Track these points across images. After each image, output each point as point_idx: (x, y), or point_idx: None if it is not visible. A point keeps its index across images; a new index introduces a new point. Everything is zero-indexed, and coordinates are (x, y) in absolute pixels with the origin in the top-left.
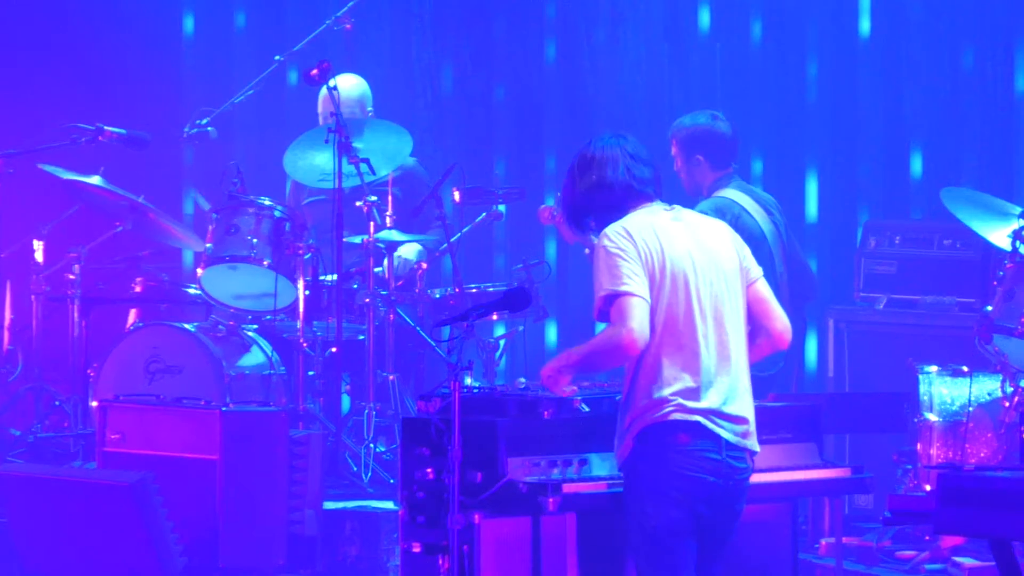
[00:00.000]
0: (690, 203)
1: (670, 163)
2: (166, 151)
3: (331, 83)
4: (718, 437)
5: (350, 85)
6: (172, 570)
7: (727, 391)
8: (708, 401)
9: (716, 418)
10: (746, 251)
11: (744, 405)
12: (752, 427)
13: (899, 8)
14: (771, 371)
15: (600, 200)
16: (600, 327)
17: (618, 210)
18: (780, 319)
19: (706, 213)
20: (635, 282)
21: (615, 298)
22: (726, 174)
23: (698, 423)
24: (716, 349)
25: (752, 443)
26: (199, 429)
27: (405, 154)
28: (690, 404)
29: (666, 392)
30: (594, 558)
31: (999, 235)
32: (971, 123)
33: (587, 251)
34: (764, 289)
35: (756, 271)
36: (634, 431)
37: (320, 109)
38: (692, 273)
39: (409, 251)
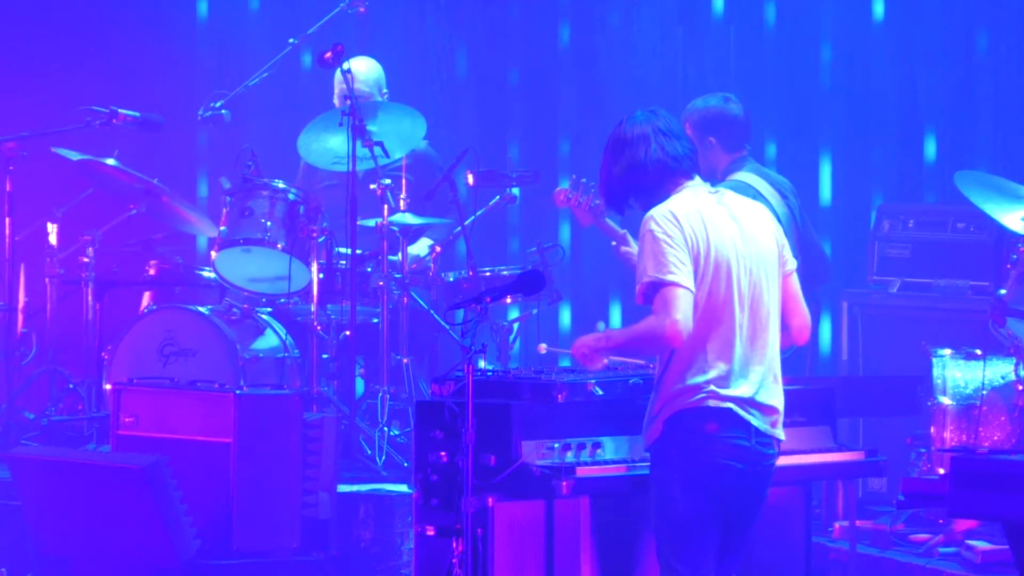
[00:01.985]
0: None
1: None
2: (180, 134)
3: (345, 66)
4: (749, 424)
5: (365, 68)
6: (185, 553)
7: (760, 380)
8: (741, 389)
9: (748, 406)
10: (785, 240)
11: (775, 395)
12: (781, 417)
13: None
14: (785, 354)
15: (636, 181)
16: (614, 309)
17: (657, 189)
18: (802, 316)
19: None
20: (681, 271)
21: (660, 287)
22: (740, 157)
23: (730, 410)
24: (750, 338)
25: (779, 432)
26: (213, 412)
27: (419, 137)
28: (723, 392)
29: (700, 379)
30: (608, 541)
31: (1013, 218)
32: (985, 106)
33: (613, 243)
34: (795, 283)
35: (792, 263)
36: (665, 415)
37: (336, 92)
38: (734, 261)
39: (420, 247)
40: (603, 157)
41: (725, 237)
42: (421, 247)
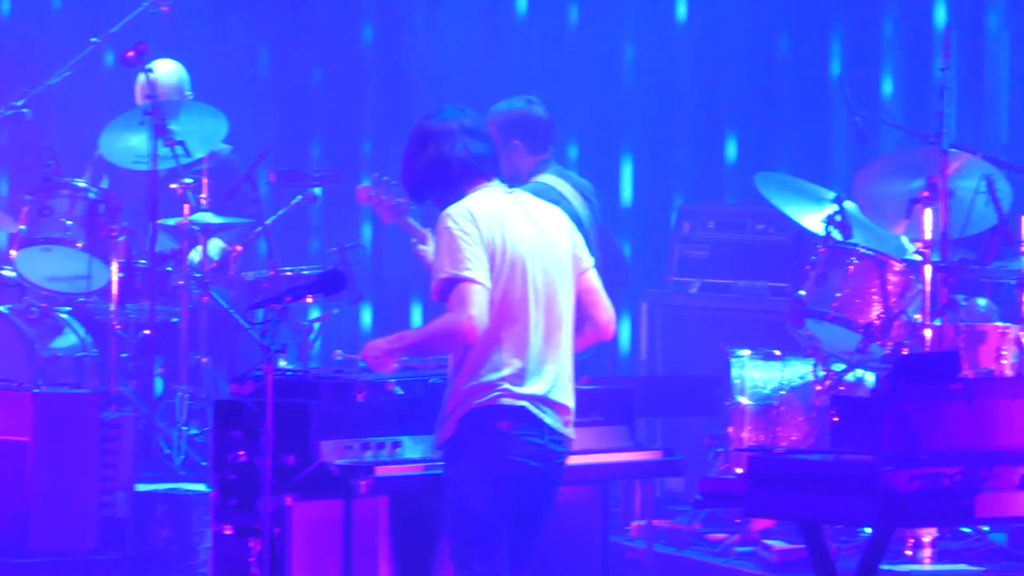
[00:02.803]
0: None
1: None
2: None
3: (148, 66)
4: (541, 422)
5: (167, 71)
6: None
7: (554, 379)
8: (534, 387)
9: (542, 404)
10: (579, 239)
11: (568, 394)
12: (573, 416)
13: None
14: (584, 355)
15: (437, 176)
16: (415, 309)
17: (455, 186)
18: (607, 310)
19: None
20: (477, 268)
21: (456, 283)
22: (544, 159)
23: (524, 408)
24: (545, 336)
25: (571, 431)
26: (10, 411)
27: (221, 136)
28: (516, 389)
29: (494, 376)
30: (406, 541)
31: (812, 220)
32: (786, 108)
33: (413, 241)
34: (594, 279)
35: (588, 260)
36: (459, 414)
37: (138, 91)
38: (529, 260)
39: (212, 248)
40: (406, 147)
41: (521, 236)
42: (213, 248)
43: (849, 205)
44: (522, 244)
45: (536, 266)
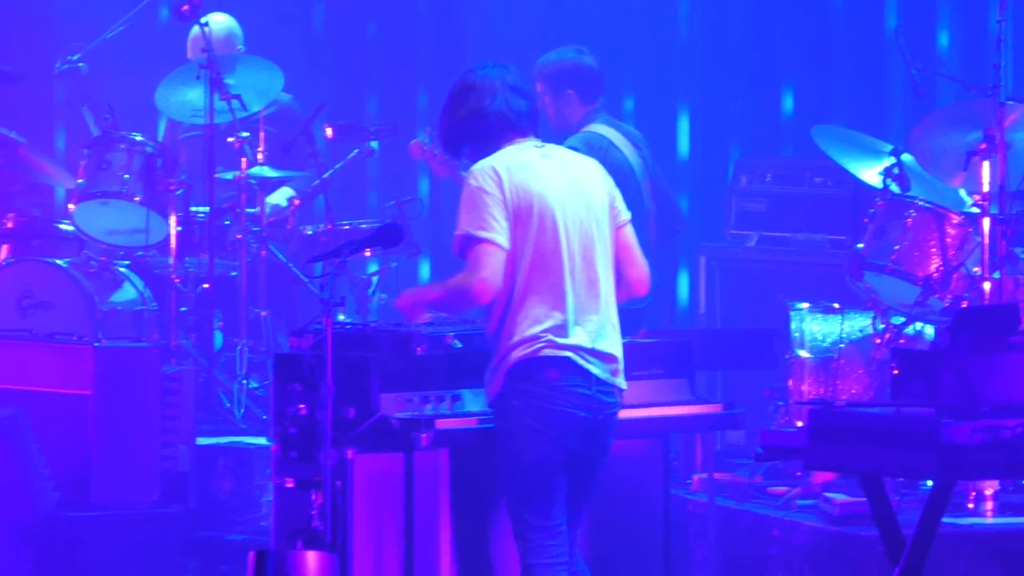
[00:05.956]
0: (557, 140)
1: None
2: (37, 87)
3: (202, 20)
4: (588, 372)
5: (219, 24)
6: (44, 505)
7: (596, 329)
8: (577, 338)
9: (587, 355)
10: (617, 192)
11: (613, 343)
12: (621, 365)
13: None
14: (633, 305)
15: (475, 129)
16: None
17: (492, 141)
18: (640, 267)
19: (576, 148)
20: (495, 228)
21: (473, 242)
22: (593, 109)
23: (568, 358)
24: (585, 287)
25: (620, 380)
26: (71, 365)
27: (277, 90)
28: (560, 340)
29: (536, 329)
30: (467, 493)
31: (870, 173)
32: (842, 60)
33: None
34: (629, 234)
35: (625, 214)
36: (505, 367)
37: (189, 46)
38: (561, 212)
39: (279, 196)
40: (446, 100)
41: (550, 189)
42: (280, 197)
43: (907, 158)
44: (551, 197)
45: (569, 219)
